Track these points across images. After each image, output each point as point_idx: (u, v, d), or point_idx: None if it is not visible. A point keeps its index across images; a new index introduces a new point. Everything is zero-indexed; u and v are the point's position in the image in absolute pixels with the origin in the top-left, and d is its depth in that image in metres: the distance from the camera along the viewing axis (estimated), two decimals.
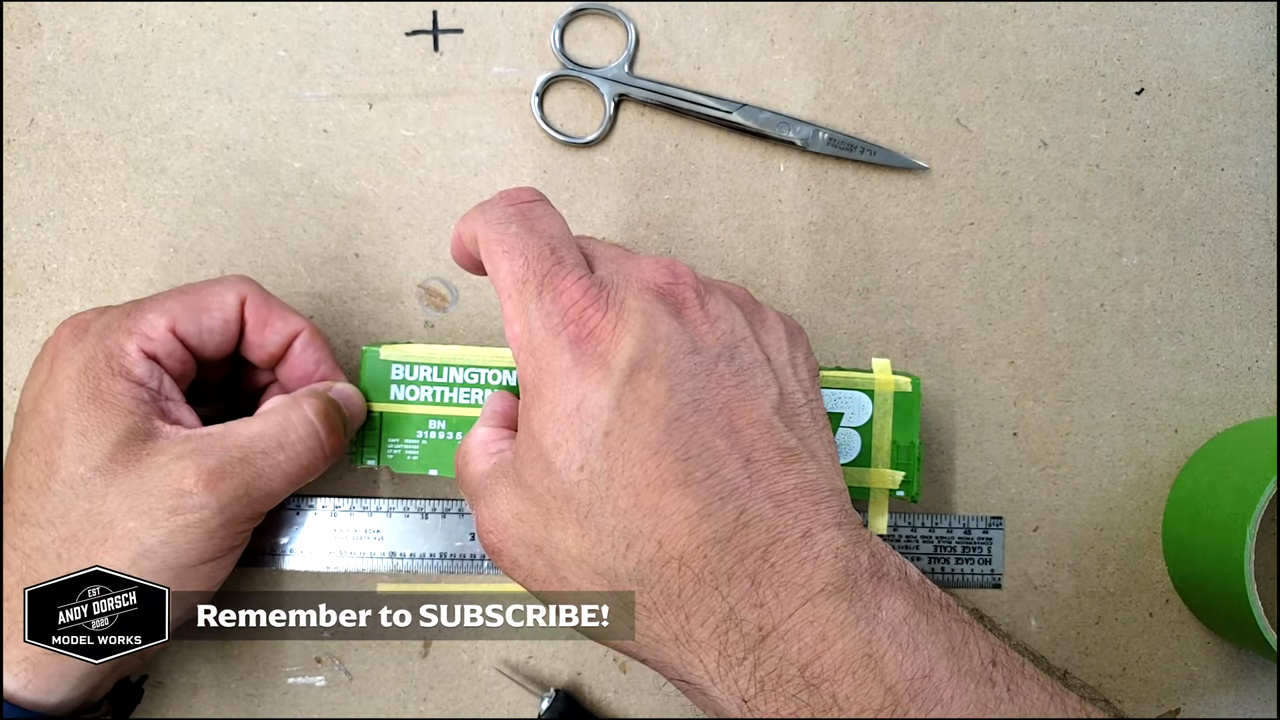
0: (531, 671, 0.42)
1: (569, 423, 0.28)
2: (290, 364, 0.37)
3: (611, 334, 0.29)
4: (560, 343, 0.29)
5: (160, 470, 0.32)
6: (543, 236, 0.31)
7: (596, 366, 0.28)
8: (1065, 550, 0.43)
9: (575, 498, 0.28)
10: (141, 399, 0.33)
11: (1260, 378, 0.43)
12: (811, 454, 0.29)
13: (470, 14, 0.43)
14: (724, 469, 0.28)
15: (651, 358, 0.28)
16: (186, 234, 0.43)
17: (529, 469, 0.29)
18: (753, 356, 0.30)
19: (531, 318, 0.29)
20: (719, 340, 0.30)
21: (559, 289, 0.29)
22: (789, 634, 0.26)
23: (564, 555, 0.29)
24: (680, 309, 0.30)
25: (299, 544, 0.41)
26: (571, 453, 0.28)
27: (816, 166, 0.43)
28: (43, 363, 0.35)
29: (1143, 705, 0.42)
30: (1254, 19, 0.43)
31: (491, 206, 0.32)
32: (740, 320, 0.31)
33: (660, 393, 0.28)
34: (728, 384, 0.29)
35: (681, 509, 0.27)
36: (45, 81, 0.43)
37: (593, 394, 0.28)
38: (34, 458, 0.33)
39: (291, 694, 0.42)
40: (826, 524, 0.28)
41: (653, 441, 0.28)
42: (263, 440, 0.34)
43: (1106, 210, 0.43)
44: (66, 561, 0.32)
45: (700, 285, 0.31)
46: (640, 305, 0.29)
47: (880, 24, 0.43)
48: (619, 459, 0.28)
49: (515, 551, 0.30)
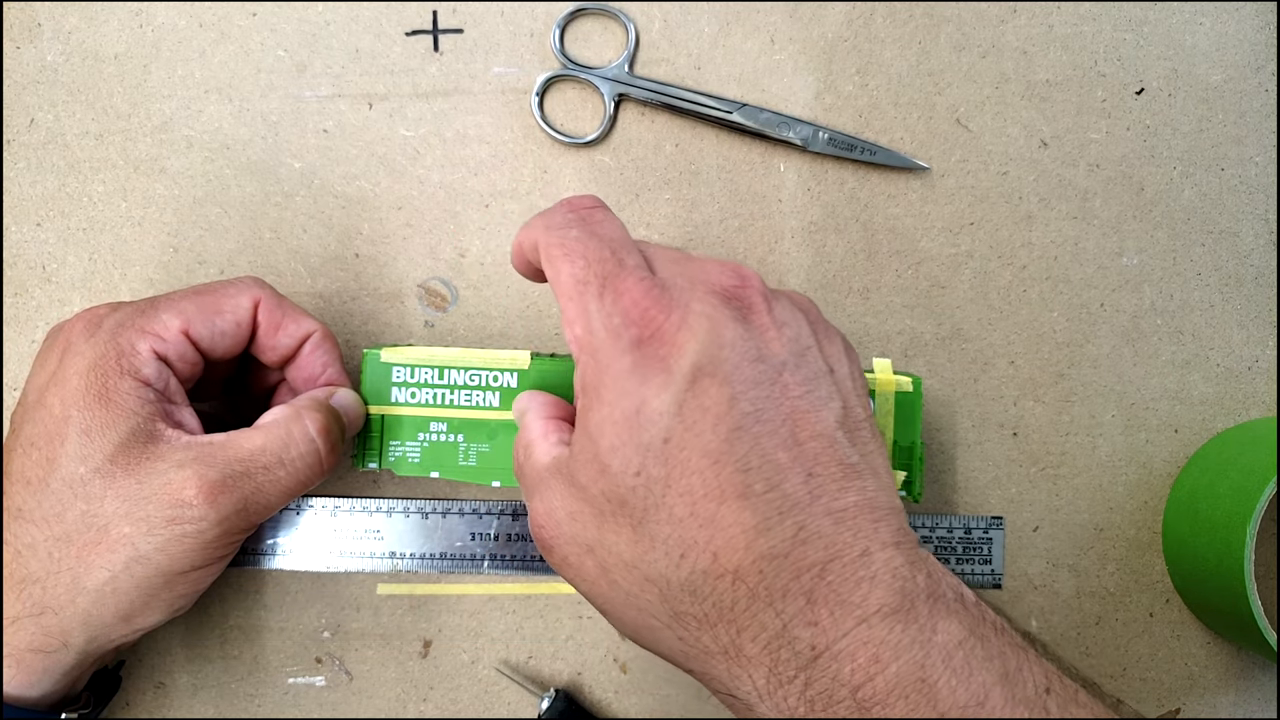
0: (531, 671, 0.42)
1: (628, 426, 0.28)
2: (299, 364, 0.37)
3: (674, 337, 0.28)
4: (621, 344, 0.28)
5: (160, 477, 0.32)
6: (603, 239, 0.30)
7: (658, 370, 0.28)
8: (1065, 550, 0.43)
9: (630, 503, 0.28)
10: (147, 399, 0.33)
11: (1260, 378, 0.43)
12: (872, 470, 0.29)
13: (470, 14, 0.43)
14: (785, 482, 0.27)
15: (716, 364, 0.27)
16: (186, 234, 0.43)
17: (584, 469, 0.29)
18: (817, 367, 0.29)
19: (592, 319, 0.29)
20: (784, 348, 0.29)
21: (620, 290, 0.29)
22: (842, 654, 0.26)
23: (615, 558, 0.28)
24: (746, 314, 0.29)
25: (299, 544, 0.41)
26: (629, 457, 0.27)
27: (816, 166, 0.43)
28: (52, 353, 0.35)
29: (1143, 705, 0.42)
30: (1254, 19, 0.43)
31: (552, 213, 0.31)
32: (805, 329, 0.30)
33: (723, 400, 0.27)
34: (792, 394, 0.28)
35: (739, 521, 0.27)
36: (45, 81, 0.43)
37: (653, 398, 0.27)
38: (35, 452, 0.33)
39: (291, 694, 0.42)
40: (885, 543, 0.27)
41: (713, 450, 0.27)
42: (264, 455, 0.34)
43: (1106, 210, 0.43)
44: (57, 560, 0.32)
45: (767, 290, 0.30)
46: (705, 309, 0.28)
47: (880, 24, 0.43)
48: (677, 466, 0.27)
49: (566, 549, 0.30)
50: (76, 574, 0.32)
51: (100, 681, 0.37)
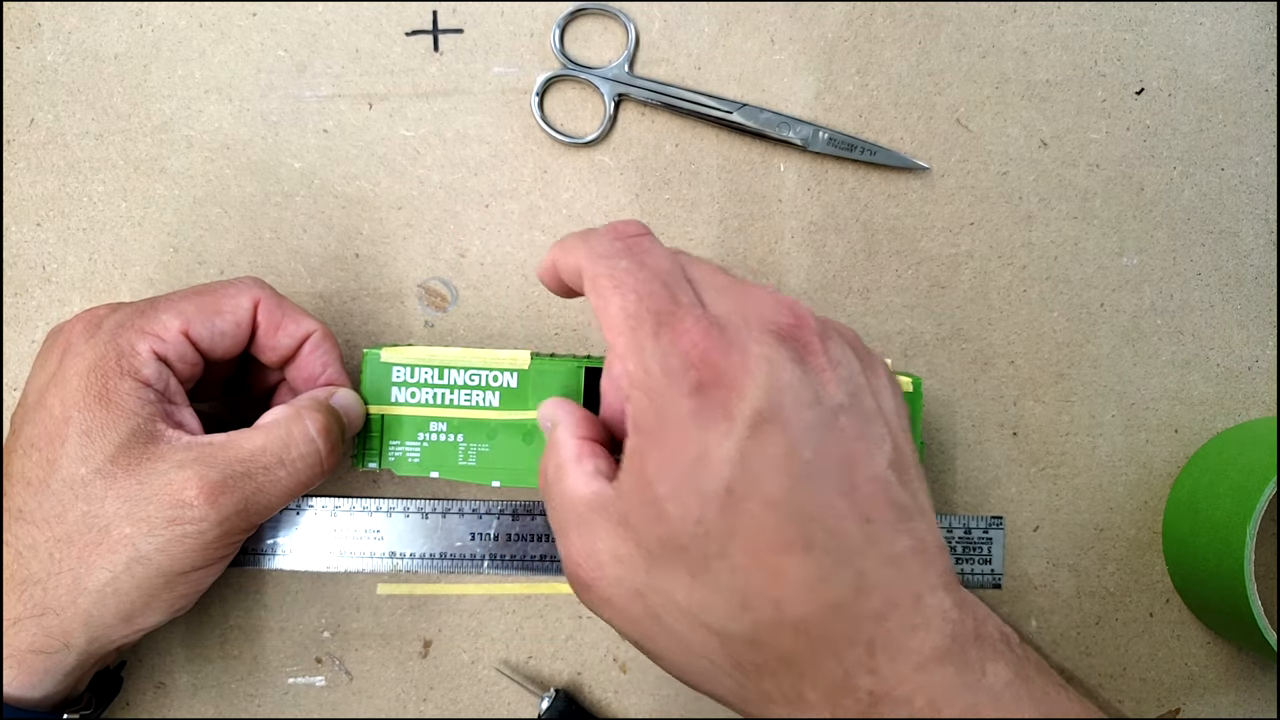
0: (531, 671, 0.42)
1: (689, 474, 0.27)
2: (299, 364, 0.37)
3: (736, 382, 0.27)
4: (681, 388, 0.27)
5: (161, 477, 0.32)
6: (655, 272, 0.29)
7: (720, 417, 0.27)
8: (1065, 550, 0.43)
9: (689, 551, 0.27)
10: (147, 400, 0.33)
11: (1260, 378, 0.43)
12: (920, 510, 0.28)
13: (470, 14, 0.43)
14: (844, 530, 0.27)
15: (777, 409, 0.27)
16: (186, 234, 0.43)
17: (638, 513, 0.28)
18: (870, 406, 0.29)
19: (648, 357, 0.28)
20: (840, 389, 0.28)
21: (678, 330, 0.28)
22: (901, 700, 0.26)
23: (669, 603, 0.28)
24: (803, 355, 0.28)
25: (299, 544, 0.41)
26: (689, 505, 0.27)
27: (816, 166, 0.43)
28: (52, 355, 0.35)
29: (1143, 705, 0.42)
30: (1254, 19, 0.43)
31: (598, 239, 0.31)
32: (856, 366, 0.30)
33: (784, 448, 0.27)
34: (848, 437, 0.28)
35: (802, 572, 0.26)
36: (45, 81, 0.43)
37: (716, 447, 0.27)
38: (35, 454, 0.33)
39: (291, 694, 0.42)
40: (935, 586, 0.27)
41: (775, 500, 0.26)
42: (265, 455, 0.34)
43: (1106, 210, 0.43)
44: (58, 561, 0.32)
45: (820, 327, 0.29)
46: (764, 351, 0.28)
47: (880, 24, 0.43)
48: (740, 517, 0.27)
49: (610, 591, 0.29)
50: (78, 575, 0.32)
51: (102, 682, 0.37)
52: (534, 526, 0.41)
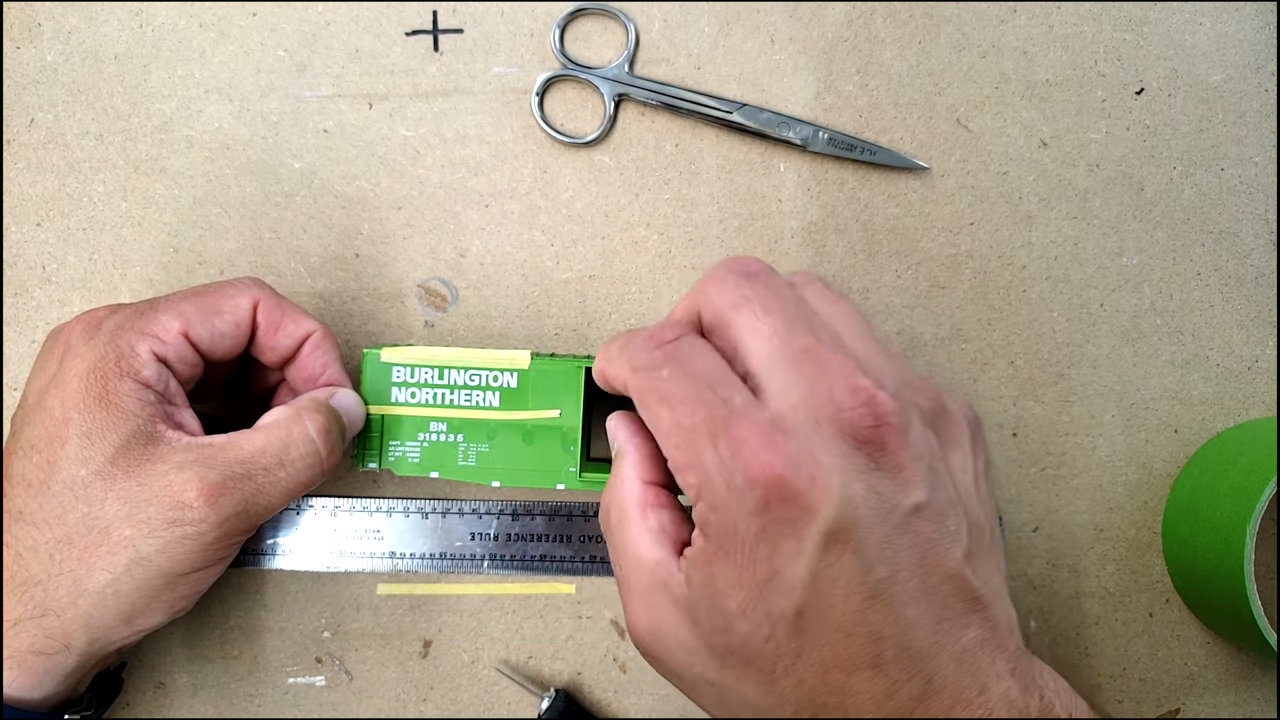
0: (531, 671, 0.42)
1: (758, 593, 0.27)
2: (299, 365, 0.37)
3: (804, 499, 0.26)
4: (746, 506, 0.26)
5: (161, 479, 0.32)
6: (699, 378, 0.28)
7: (789, 535, 0.26)
8: (1065, 550, 0.43)
9: (757, 663, 0.27)
10: (147, 401, 0.33)
11: (1260, 378, 0.43)
12: (995, 594, 0.28)
13: (470, 14, 0.43)
14: (914, 640, 0.26)
15: (849, 528, 0.26)
16: (186, 234, 0.43)
17: (707, 618, 0.28)
18: (948, 496, 0.28)
19: (709, 471, 0.27)
20: (918, 487, 0.27)
21: (736, 440, 0.27)
22: None
23: (739, 701, 0.28)
24: (880, 457, 0.27)
25: (299, 544, 0.41)
26: (759, 623, 0.27)
27: (816, 166, 0.43)
28: (52, 356, 0.35)
29: (1143, 705, 0.42)
30: (1254, 19, 0.43)
31: (635, 348, 0.30)
32: (935, 448, 0.28)
33: (857, 569, 0.26)
34: (922, 538, 0.27)
35: (870, 689, 0.26)
36: (45, 81, 0.43)
37: (785, 569, 0.26)
38: (35, 455, 0.33)
39: (291, 694, 0.42)
40: (1001, 673, 0.27)
41: (846, 624, 0.26)
42: (265, 456, 0.34)
43: (1106, 210, 0.43)
44: (59, 563, 0.32)
45: (903, 419, 0.27)
46: (835, 463, 0.26)
47: (880, 24, 0.43)
48: (809, 639, 0.26)
49: (678, 670, 0.29)
50: (78, 576, 0.32)
51: (102, 683, 0.37)
52: (534, 526, 0.41)
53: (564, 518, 0.41)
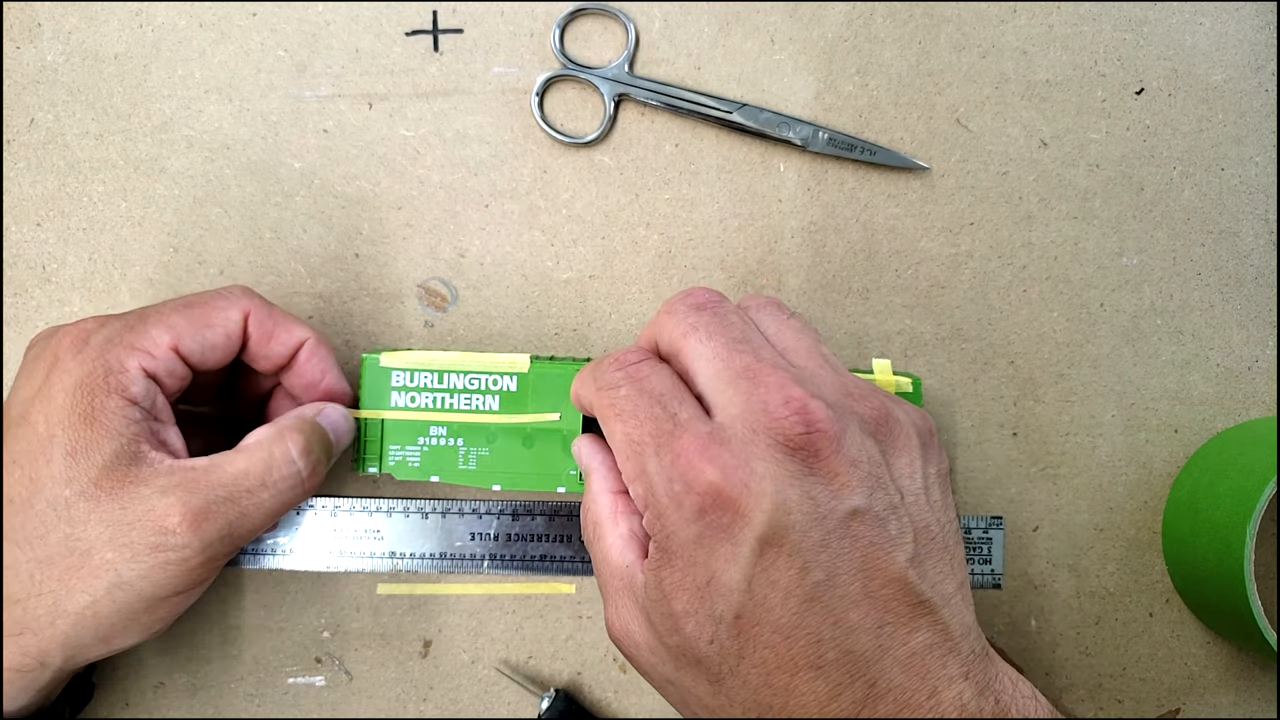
0: (531, 671, 0.42)
1: (699, 596, 0.28)
2: (296, 371, 0.37)
3: (737, 504, 0.27)
4: (685, 513, 0.28)
5: (144, 503, 0.32)
6: (652, 395, 0.30)
7: (724, 540, 0.27)
8: (1065, 550, 0.43)
9: (705, 664, 0.28)
10: (133, 419, 0.33)
11: (1260, 378, 0.43)
12: (944, 599, 0.28)
13: (470, 14, 0.43)
14: (856, 644, 0.27)
15: (783, 533, 0.27)
16: (186, 234, 0.43)
17: (659, 620, 0.29)
18: (887, 501, 0.28)
19: (652, 480, 0.29)
20: (856, 491, 0.28)
21: (676, 450, 0.28)
22: None
23: (695, 700, 0.29)
24: (813, 463, 0.28)
25: (299, 544, 0.41)
26: (702, 625, 0.28)
27: (816, 166, 0.43)
28: (38, 368, 0.34)
29: (1143, 705, 0.42)
30: (1254, 19, 0.43)
31: (603, 370, 0.32)
32: (875, 454, 0.29)
33: (792, 572, 0.27)
34: (862, 542, 0.27)
35: (813, 690, 0.27)
36: (45, 81, 0.43)
37: (722, 573, 0.27)
38: (18, 471, 0.32)
39: (291, 694, 0.42)
40: (953, 677, 0.27)
41: (784, 626, 0.27)
42: (248, 478, 0.33)
43: (1106, 210, 0.43)
44: (39, 583, 0.32)
45: (837, 426, 0.28)
46: (768, 469, 0.27)
47: (880, 24, 0.43)
48: (749, 640, 0.27)
49: (645, 669, 0.31)
50: (58, 597, 0.32)
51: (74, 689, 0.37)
52: (534, 526, 0.41)
53: (564, 518, 0.41)
